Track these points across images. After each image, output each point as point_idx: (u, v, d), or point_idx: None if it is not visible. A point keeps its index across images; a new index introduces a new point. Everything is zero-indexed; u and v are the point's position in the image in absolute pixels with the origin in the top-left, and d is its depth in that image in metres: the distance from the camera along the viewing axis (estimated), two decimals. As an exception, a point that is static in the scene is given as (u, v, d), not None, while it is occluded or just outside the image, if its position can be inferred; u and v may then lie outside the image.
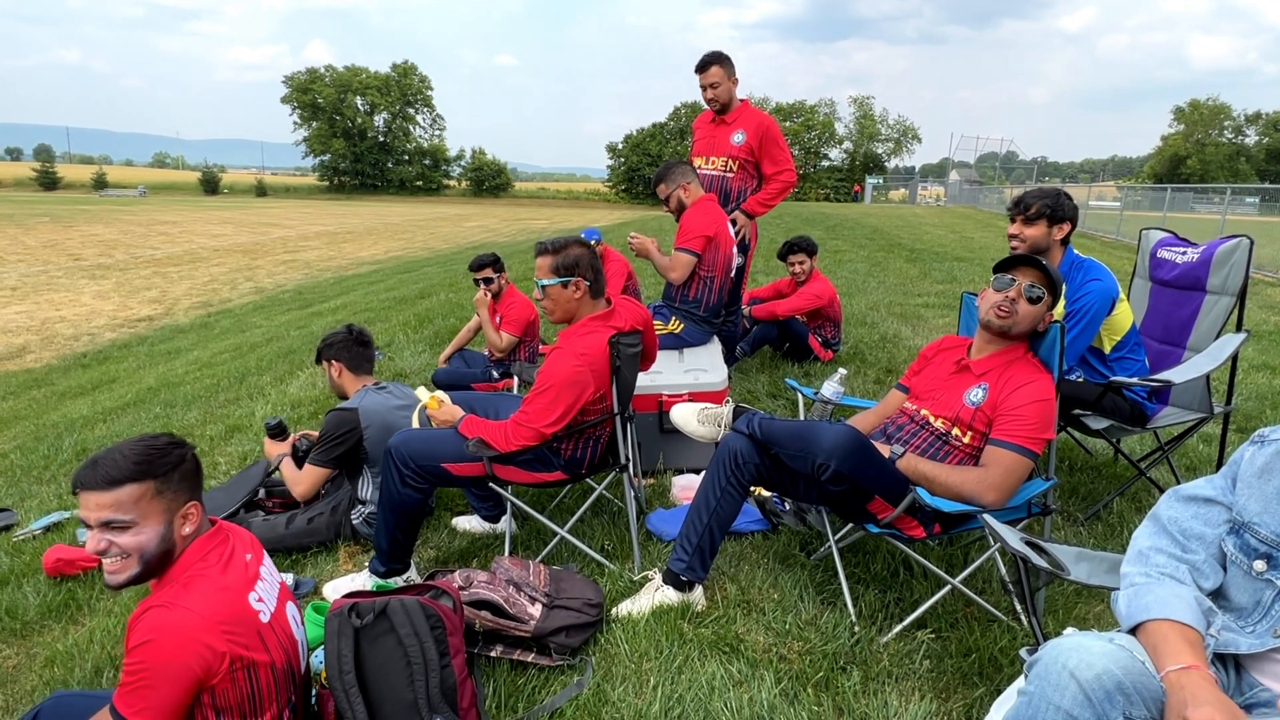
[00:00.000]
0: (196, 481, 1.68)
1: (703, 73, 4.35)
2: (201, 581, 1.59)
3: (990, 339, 2.36)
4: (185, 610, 1.52)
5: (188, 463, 1.66)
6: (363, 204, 60.00)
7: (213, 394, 6.12)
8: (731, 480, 2.38)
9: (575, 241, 2.62)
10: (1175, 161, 67.88)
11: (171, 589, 1.58)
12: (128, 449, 1.60)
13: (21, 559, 3.26)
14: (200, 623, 1.52)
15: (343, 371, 3.03)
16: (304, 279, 17.14)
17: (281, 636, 1.71)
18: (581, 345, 2.50)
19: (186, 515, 1.63)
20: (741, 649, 2.23)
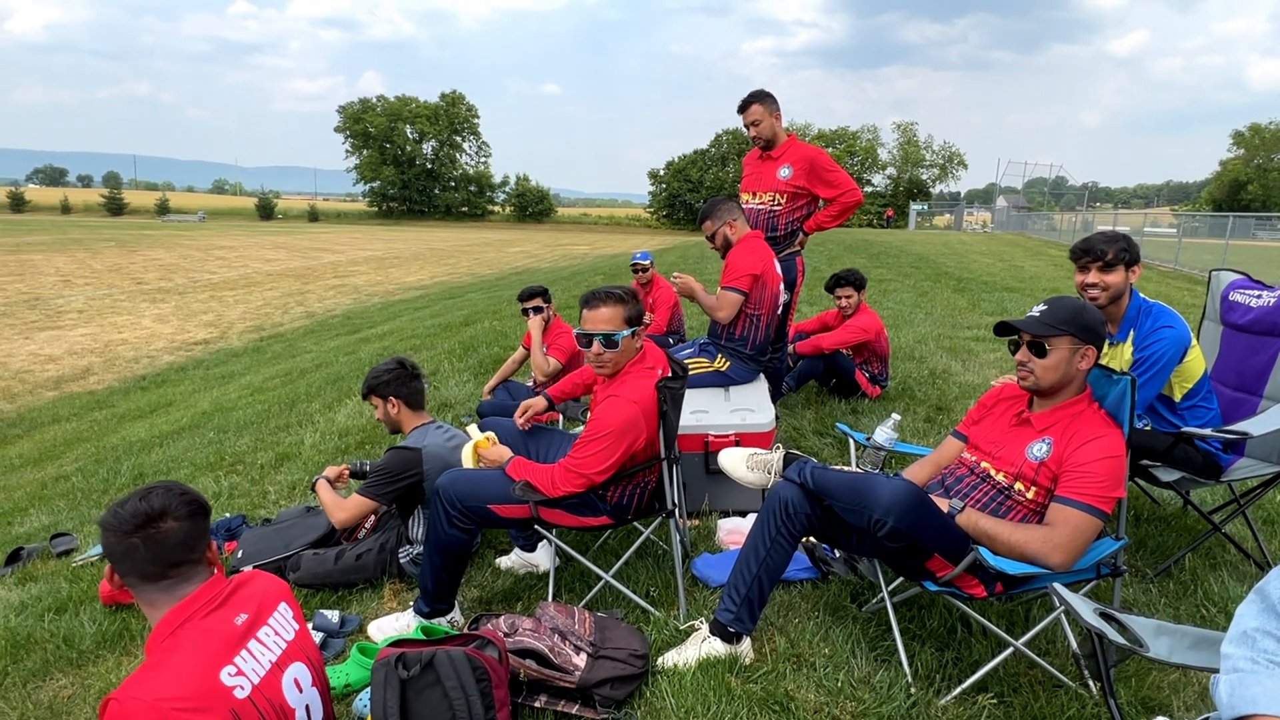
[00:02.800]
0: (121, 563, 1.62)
1: (744, 112, 4.37)
2: (168, 661, 1.53)
3: (1055, 394, 2.28)
4: (137, 705, 1.44)
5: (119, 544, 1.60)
6: (410, 229, 61.46)
7: (264, 420, 6.25)
8: (782, 530, 2.32)
9: (634, 294, 2.62)
10: (1235, 187, 65.74)
11: (140, 673, 1.53)
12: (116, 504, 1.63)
13: (79, 586, 3.34)
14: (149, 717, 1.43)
15: (401, 409, 3.05)
16: (352, 304, 17.57)
17: (266, 709, 1.61)
18: (633, 392, 2.48)
19: (129, 587, 1.63)
20: (792, 708, 2.15)
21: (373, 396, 3.06)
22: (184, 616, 1.60)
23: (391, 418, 3.07)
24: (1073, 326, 2.21)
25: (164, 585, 1.62)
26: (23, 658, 2.83)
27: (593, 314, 2.58)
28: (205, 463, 5.20)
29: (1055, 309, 2.28)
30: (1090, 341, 2.22)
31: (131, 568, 1.59)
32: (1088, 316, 2.24)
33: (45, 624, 3.04)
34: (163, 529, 1.63)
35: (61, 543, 3.96)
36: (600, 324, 2.59)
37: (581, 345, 2.59)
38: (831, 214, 4.33)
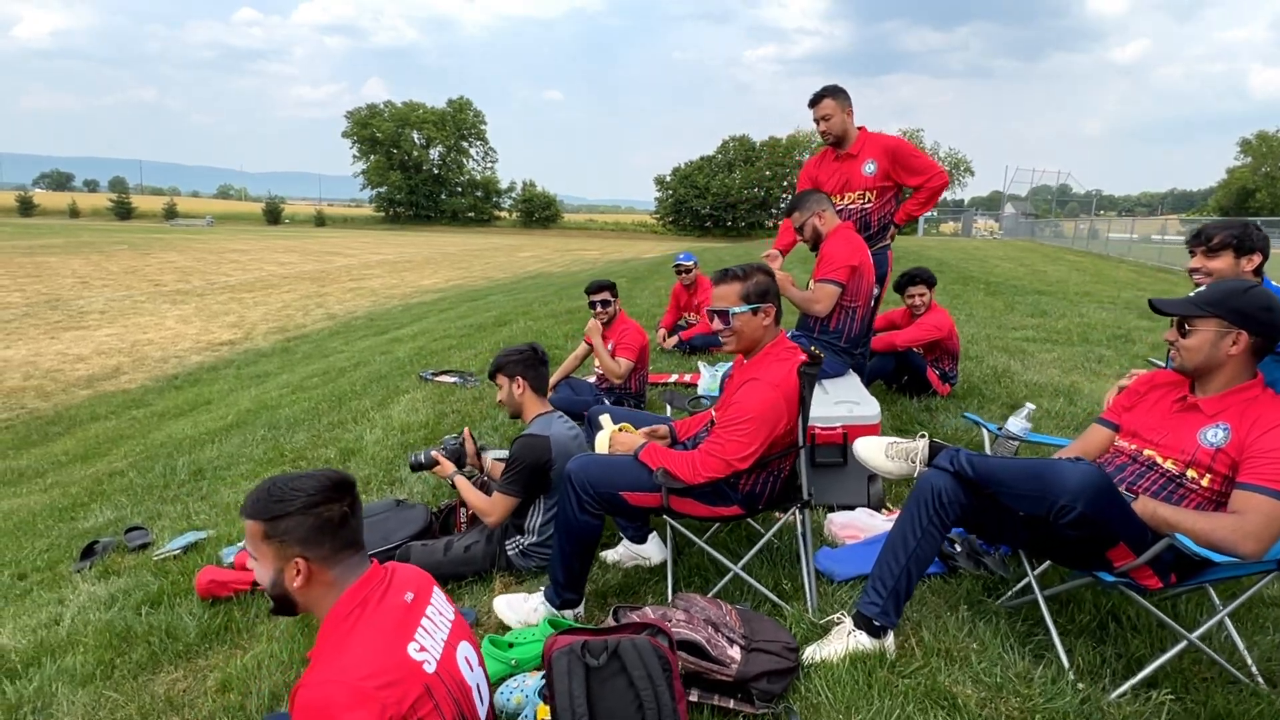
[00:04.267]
0: (317, 536, 1.52)
1: (815, 106, 4.27)
2: (353, 641, 1.46)
3: (1211, 377, 2.20)
4: (334, 687, 1.37)
5: (304, 515, 1.50)
6: (418, 234, 61.50)
7: (314, 417, 6.18)
8: (934, 520, 2.25)
9: (759, 268, 2.55)
10: (1243, 195, 65.70)
11: (322, 658, 1.46)
12: (269, 486, 1.55)
13: (168, 579, 3.27)
14: (347, 694, 1.37)
15: (526, 390, 2.98)
16: (372, 306, 17.53)
17: (451, 685, 1.56)
18: (774, 376, 2.41)
19: (297, 569, 1.51)
20: (958, 703, 2.07)
21: (499, 375, 2.98)
22: (360, 598, 1.54)
23: (515, 399, 2.99)
24: (1221, 309, 2.13)
25: (352, 563, 1.56)
26: (126, 650, 2.77)
27: (715, 290, 2.56)
28: (264, 459, 5.13)
29: (1209, 290, 2.21)
30: (1243, 326, 2.13)
31: (331, 539, 1.52)
32: (1242, 300, 2.15)
33: (143, 618, 2.97)
34: (358, 501, 1.57)
35: (136, 536, 3.89)
36: (718, 300, 2.56)
37: (709, 320, 2.56)
38: (920, 200, 4.25)
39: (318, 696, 1.38)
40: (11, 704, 2.51)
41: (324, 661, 1.44)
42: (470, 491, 2.94)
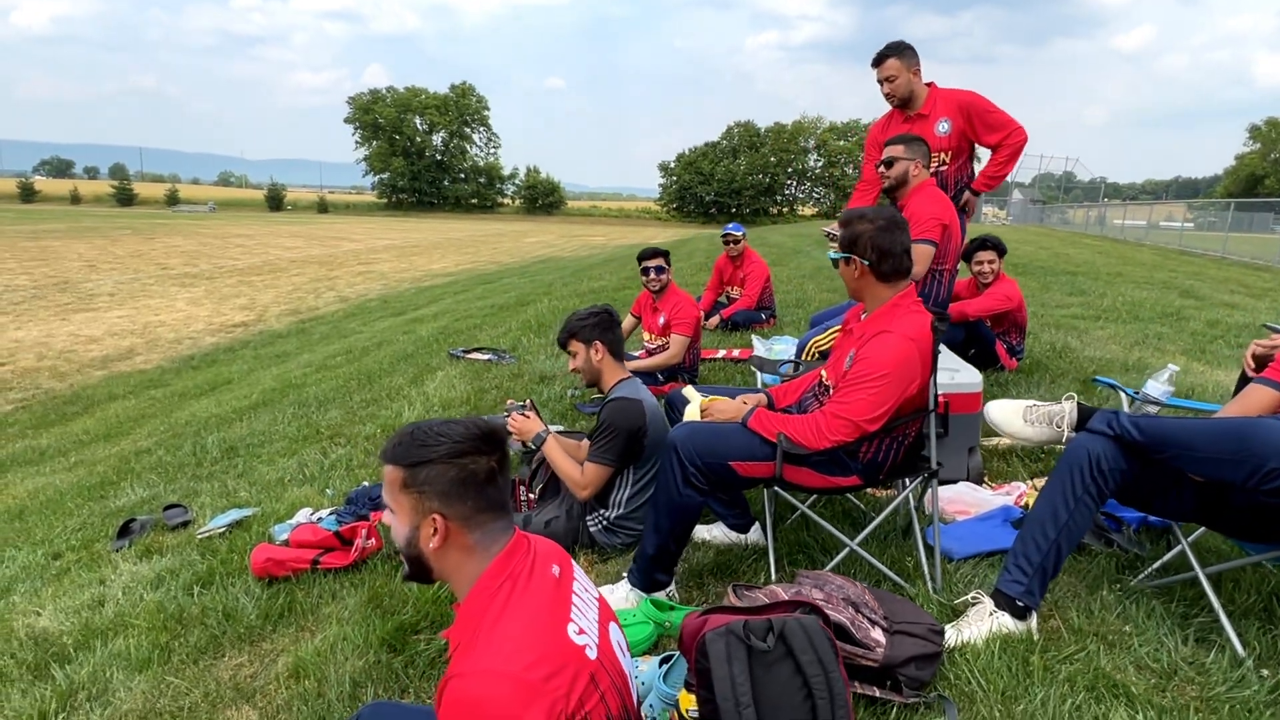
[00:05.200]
0: (458, 491, 1.30)
1: (878, 66, 3.95)
2: (509, 622, 1.24)
3: None
4: (496, 680, 1.17)
5: (449, 465, 1.29)
6: (422, 220, 61.16)
7: (344, 395, 5.96)
8: (1089, 490, 2.03)
9: (858, 215, 2.30)
10: (1252, 181, 65.13)
11: (475, 643, 1.22)
12: (412, 429, 1.33)
13: (216, 558, 3.05)
14: (513, 692, 1.16)
15: (605, 355, 2.75)
16: (384, 289, 17.30)
17: (612, 673, 1.34)
18: (909, 328, 2.18)
19: (434, 527, 1.29)
20: (1131, 692, 1.85)
21: (574, 342, 2.76)
22: (508, 570, 1.31)
23: (593, 366, 2.76)
24: None
25: (495, 529, 1.33)
26: (181, 633, 2.55)
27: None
28: (299, 435, 4.91)
29: None
30: None
31: (474, 496, 1.29)
32: None
33: (195, 598, 2.76)
34: (508, 459, 1.34)
35: (175, 514, 3.68)
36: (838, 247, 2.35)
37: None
38: (1000, 160, 3.92)
39: (478, 691, 1.15)
40: (63, 690, 2.30)
41: (478, 647, 1.20)
42: (562, 458, 2.71)
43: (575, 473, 2.67)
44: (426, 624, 2.41)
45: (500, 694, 1.15)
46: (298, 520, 3.23)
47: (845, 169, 77.23)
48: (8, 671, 2.46)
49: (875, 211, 2.30)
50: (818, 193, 79.54)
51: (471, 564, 1.32)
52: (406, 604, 2.50)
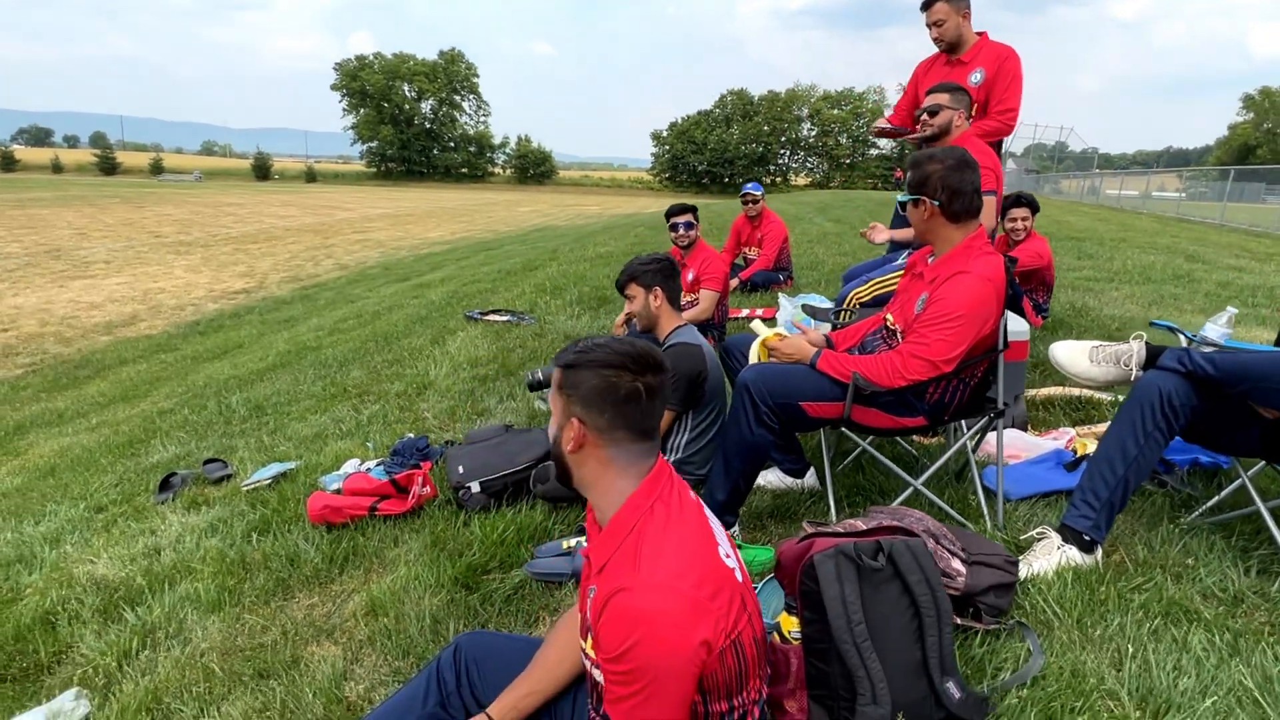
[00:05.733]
0: (598, 401, 1.30)
1: (927, 10, 3.92)
2: (670, 540, 1.25)
3: None
4: (665, 595, 1.18)
5: (594, 375, 1.29)
6: (412, 189, 60.50)
7: (363, 356, 5.95)
8: (1159, 426, 2.06)
9: (929, 156, 2.30)
10: (1244, 151, 65.15)
11: (633, 561, 1.23)
12: (593, 338, 1.38)
13: (268, 509, 3.07)
14: (686, 607, 1.18)
15: (664, 303, 2.76)
16: (382, 256, 17.17)
17: (752, 597, 1.37)
18: (985, 268, 2.19)
19: (573, 432, 1.31)
20: (1203, 617, 1.91)
21: (633, 285, 2.76)
22: (657, 491, 1.31)
23: (651, 311, 2.77)
24: None
25: (634, 450, 1.32)
26: (247, 577, 2.57)
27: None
28: (325, 394, 4.91)
29: None
30: None
31: (613, 410, 1.29)
32: None
33: (254, 545, 2.78)
34: (660, 391, 1.34)
35: (215, 469, 3.69)
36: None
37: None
38: (985, 129, 3.82)
39: (650, 604, 1.16)
40: (141, 630, 2.32)
41: (643, 563, 1.21)
42: None
43: None
44: (495, 564, 2.45)
45: (673, 608, 1.17)
46: (346, 470, 3.24)
47: (839, 138, 76.71)
48: (79, 614, 2.48)
49: (945, 151, 2.30)
50: (811, 162, 79.12)
51: (610, 479, 1.32)
52: (471, 546, 2.53)
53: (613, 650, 1.17)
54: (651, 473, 1.34)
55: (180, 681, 2.05)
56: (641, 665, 1.15)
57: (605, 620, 1.19)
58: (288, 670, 2.05)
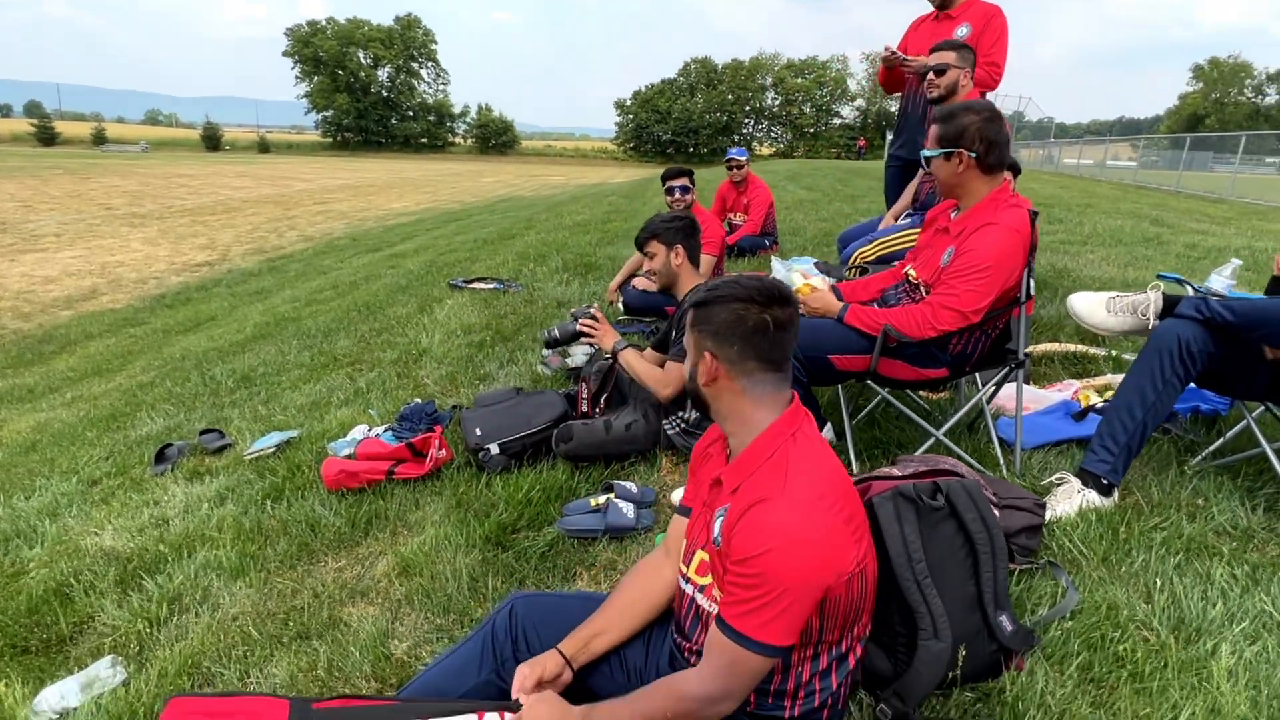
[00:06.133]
0: (728, 334, 1.35)
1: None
2: (813, 468, 1.29)
3: None
4: (806, 510, 1.23)
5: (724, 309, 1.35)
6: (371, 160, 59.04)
7: (347, 325, 5.85)
8: (1177, 372, 2.14)
9: (967, 108, 2.31)
10: (1194, 120, 66.78)
11: (779, 481, 1.27)
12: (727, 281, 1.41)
13: (277, 477, 3.01)
14: (825, 527, 1.23)
15: (684, 261, 2.75)
16: (348, 227, 16.78)
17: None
18: (1013, 220, 2.22)
19: (706, 365, 1.38)
20: (1221, 552, 2.00)
21: (654, 242, 2.74)
22: (796, 423, 1.37)
23: (671, 269, 2.76)
24: None
25: (767, 380, 1.37)
26: (267, 543, 2.54)
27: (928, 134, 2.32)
28: (314, 364, 4.82)
29: None
30: None
31: (742, 342, 1.35)
32: None
33: (269, 512, 2.74)
34: (790, 326, 1.38)
35: (212, 439, 3.61)
36: (927, 143, 2.35)
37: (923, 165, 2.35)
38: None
39: (789, 519, 1.21)
40: (164, 597, 2.28)
41: (788, 481, 1.26)
42: (640, 362, 2.72)
43: (656, 373, 2.69)
44: (524, 523, 2.45)
45: (812, 526, 1.23)
46: (355, 436, 3.20)
47: (802, 107, 76.68)
48: (95, 585, 2.42)
49: (979, 104, 2.32)
50: (775, 131, 79.06)
51: (748, 410, 1.37)
52: (497, 506, 2.53)
53: (747, 553, 1.21)
54: (791, 405, 1.39)
55: (218, 645, 2.02)
56: (771, 572, 1.19)
57: (744, 527, 1.23)
58: (328, 630, 2.03)
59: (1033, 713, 1.53)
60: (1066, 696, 1.57)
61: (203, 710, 1.31)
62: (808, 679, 1.33)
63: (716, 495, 1.39)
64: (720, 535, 1.30)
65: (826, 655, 1.33)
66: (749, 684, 1.25)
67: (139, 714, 1.79)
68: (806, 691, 1.34)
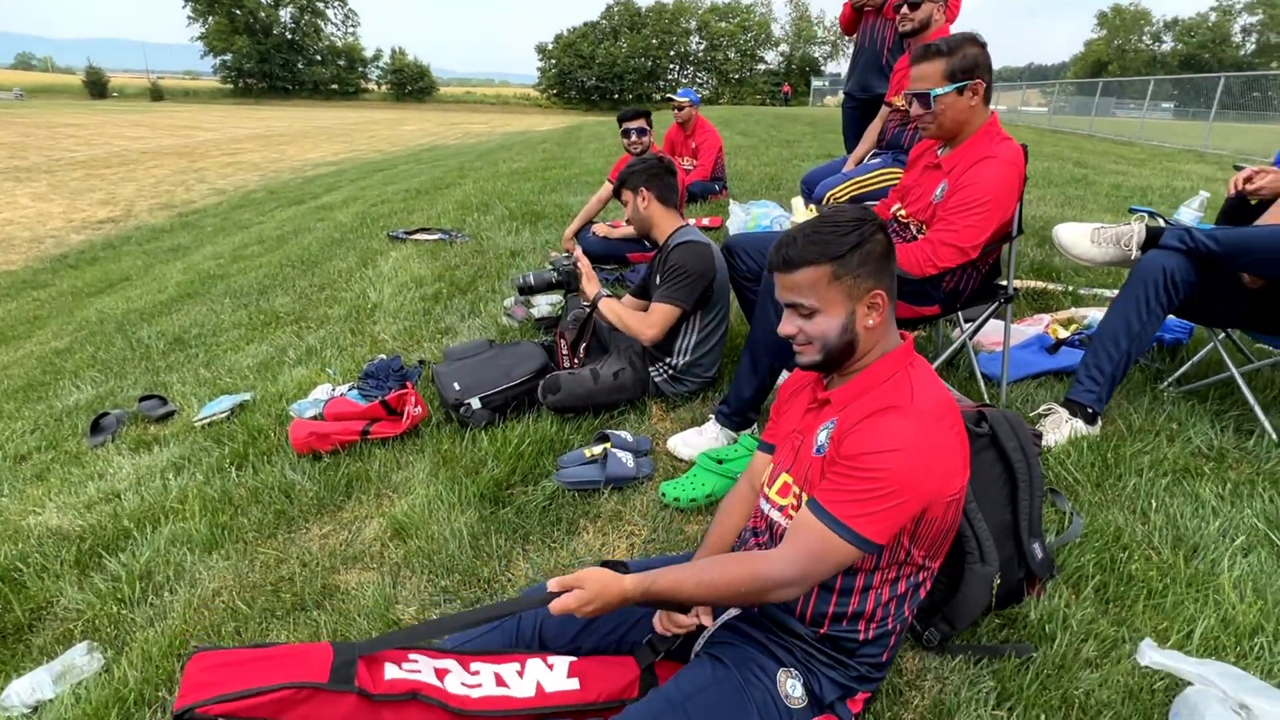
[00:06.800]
0: (883, 266, 1.35)
1: None
2: (931, 388, 1.31)
3: None
4: (933, 422, 1.25)
5: (872, 242, 1.32)
6: (279, 108, 55.55)
7: (283, 282, 5.52)
8: (1161, 302, 2.21)
9: (967, 38, 2.26)
10: (1098, 67, 69.38)
11: (902, 390, 1.30)
12: (809, 229, 1.32)
13: (237, 443, 2.82)
14: (945, 443, 1.26)
15: (652, 202, 2.64)
16: (262, 179, 15.81)
17: None
18: (1007, 153, 2.21)
19: (873, 304, 1.34)
20: (1204, 471, 2.10)
21: (624, 191, 2.64)
22: (913, 352, 1.40)
23: (640, 214, 2.66)
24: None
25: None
26: (238, 514, 2.37)
27: (911, 71, 2.27)
28: (253, 323, 4.53)
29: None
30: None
31: (892, 268, 1.37)
32: None
33: (236, 479, 2.56)
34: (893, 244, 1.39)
35: (153, 406, 3.35)
36: (916, 82, 2.28)
37: (908, 104, 2.29)
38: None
39: (917, 427, 1.23)
40: (130, 576, 2.10)
41: (916, 395, 1.28)
42: (622, 309, 2.63)
43: (639, 317, 2.61)
44: (517, 479, 2.36)
45: (936, 438, 1.24)
46: (319, 397, 3.02)
47: (727, 53, 75.96)
48: (49, 567, 2.22)
49: (971, 35, 2.27)
50: (700, 77, 78.13)
51: (889, 334, 1.38)
52: (486, 462, 2.43)
53: (867, 449, 1.22)
54: (902, 347, 1.39)
55: (204, 623, 1.88)
56: (890, 469, 1.20)
57: (866, 427, 1.25)
58: (326, 599, 1.92)
59: (1059, 634, 1.57)
60: (1088, 616, 1.62)
61: (230, 662, 1.20)
62: (885, 601, 1.33)
63: (817, 417, 1.40)
64: (828, 441, 1.31)
65: (905, 581, 1.33)
66: (828, 574, 1.25)
67: (127, 700, 1.65)
68: (882, 615, 1.34)
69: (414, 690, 1.21)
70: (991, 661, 1.53)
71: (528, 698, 1.29)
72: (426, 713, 1.22)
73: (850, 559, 1.24)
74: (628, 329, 2.61)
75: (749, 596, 1.25)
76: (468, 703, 1.24)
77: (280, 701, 1.16)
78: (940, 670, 1.53)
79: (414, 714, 1.22)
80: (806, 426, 1.43)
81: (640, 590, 1.24)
